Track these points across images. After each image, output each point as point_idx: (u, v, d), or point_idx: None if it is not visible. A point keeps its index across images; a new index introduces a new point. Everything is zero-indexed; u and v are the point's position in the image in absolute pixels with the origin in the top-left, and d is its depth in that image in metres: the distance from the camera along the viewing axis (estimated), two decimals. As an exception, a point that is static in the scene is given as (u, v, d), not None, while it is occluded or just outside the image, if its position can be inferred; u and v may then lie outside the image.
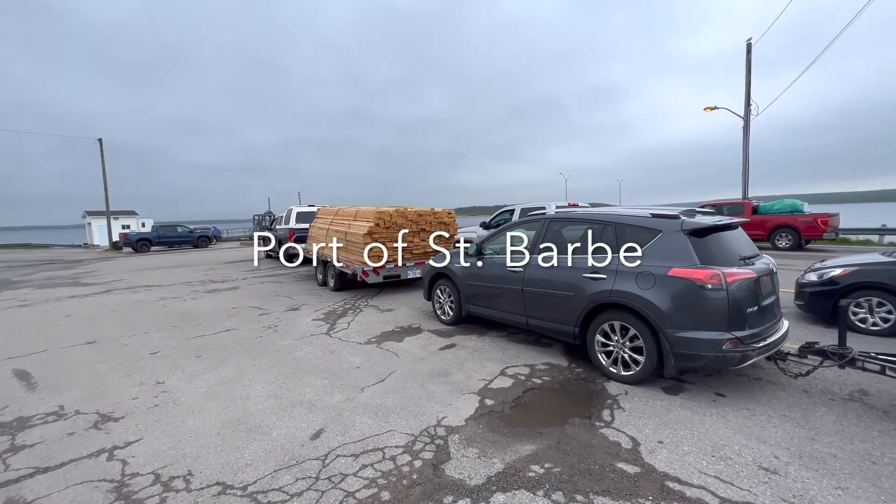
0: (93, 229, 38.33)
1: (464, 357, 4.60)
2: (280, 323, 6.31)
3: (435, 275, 6.12)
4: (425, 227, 8.43)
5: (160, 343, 5.43)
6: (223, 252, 22.34)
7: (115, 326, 6.41)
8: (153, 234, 26.53)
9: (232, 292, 9.18)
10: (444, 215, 8.68)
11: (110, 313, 7.37)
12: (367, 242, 7.70)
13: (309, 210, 14.14)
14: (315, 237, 10.22)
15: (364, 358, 4.64)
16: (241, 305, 7.71)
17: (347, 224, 8.62)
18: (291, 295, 8.64)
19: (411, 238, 8.34)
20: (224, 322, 6.46)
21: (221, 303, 8.02)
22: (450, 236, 8.91)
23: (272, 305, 7.64)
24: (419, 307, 7.15)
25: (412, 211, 8.24)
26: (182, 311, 7.32)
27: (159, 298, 8.69)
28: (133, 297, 9.02)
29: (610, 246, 3.98)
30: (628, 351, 3.75)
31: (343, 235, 8.49)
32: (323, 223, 9.93)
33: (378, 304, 7.46)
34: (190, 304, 8.05)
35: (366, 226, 7.81)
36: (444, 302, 6.00)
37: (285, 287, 9.69)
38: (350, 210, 8.99)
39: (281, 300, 8.11)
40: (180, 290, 9.77)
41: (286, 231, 13.80)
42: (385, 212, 7.87)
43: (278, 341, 5.37)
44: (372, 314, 6.74)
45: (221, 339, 5.50)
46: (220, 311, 7.23)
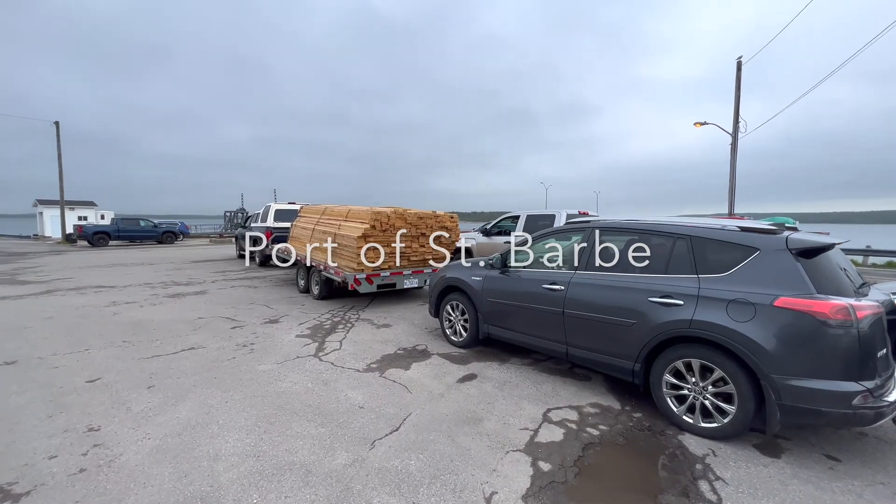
0: (45, 219, 35.31)
1: (491, 393, 3.74)
2: (257, 340, 5.27)
3: (445, 288, 5.24)
4: (425, 231, 7.55)
5: (102, 365, 4.31)
6: (190, 250, 20.67)
7: (48, 340, 5.20)
8: (112, 228, 24.45)
9: (199, 298, 7.99)
10: (446, 219, 7.82)
11: (45, 321, 6.10)
12: (360, 246, 6.75)
13: (289, 208, 12.98)
14: (297, 238, 9.15)
15: (367, 393, 3.71)
16: (209, 315, 6.58)
17: (337, 225, 7.63)
18: (269, 303, 7.55)
19: (409, 243, 7.44)
20: (188, 337, 5.36)
21: (185, 311, 6.86)
22: (451, 242, 8.06)
23: (247, 316, 6.55)
24: (420, 323, 6.24)
25: (412, 213, 7.35)
26: (136, 321, 6.14)
27: (110, 303, 7.42)
28: (78, 300, 7.70)
29: (686, 264, 3.23)
30: (710, 397, 3.00)
31: (332, 237, 7.50)
32: (307, 223, 8.88)
33: (371, 318, 6.50)
34: (147, 311, 6.84)
35: (360, 227, 6.85)
36: (455, 320, 5.12)
37: (261, 293, 8.57)
38: (340, 209, 8.00)
39: (257, 309, 7.02)
40: (137, 292, 8.48)
41: (263, 230, 12.59)
42: (382, 212, 6.95)
43: (256, 366, 4.35)
44: (366, 331, 5.79)
45: (183, 362, 4.43)
46: (183, 322, 6.10)
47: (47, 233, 34.44)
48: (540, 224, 8.68)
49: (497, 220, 9.81)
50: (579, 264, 3.87)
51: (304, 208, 9.58)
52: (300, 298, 8.02)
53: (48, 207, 34.66)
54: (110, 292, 8.50)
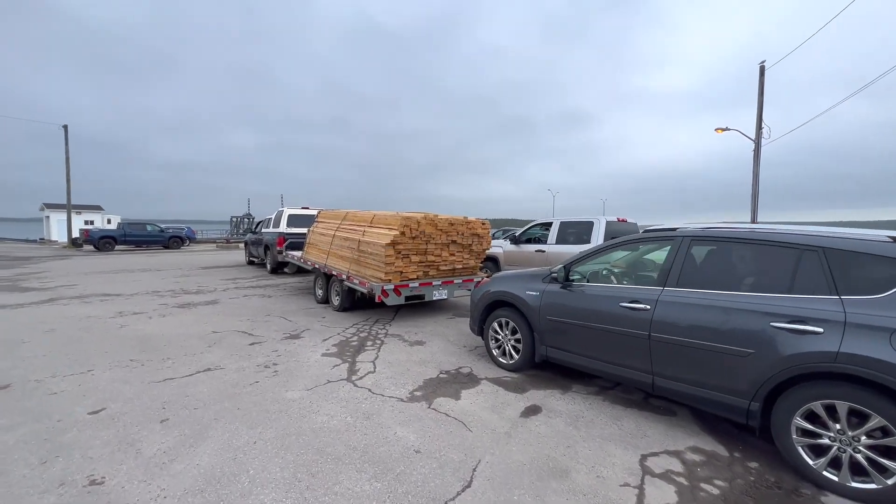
0: (51, 223, 35.12)
1: (566, 433, 3.15)
2: (280, 359, 4.70)
3: (493, 303, 4.66)
4: (456, 238, 6.99)
5: (108, 391, 3.75)
6: (198, 255, 20.22)
7: (47, 358, 4.65)
8: (119, 232, 24.09)
9: (211, 308, 7.45)
10: (477, 225, 7.26)
11: (45, 335, 5.56)
12: (389, 254, 6.19)
13: (303, 213, 12.49)
14: (315, 245, 8.61)
15: (419, 431, 3.12)
16: (223, 328, 6.03)
17: (361, 231, 7.08)
18: (287, 315, 6.99)
19: (439, 252, 6.89)
20: (202, 355, 4.80)
21: (198, 323, 6.31)
22: (482, 251, 7.50)
23: (265, 330, 5.99)
24: (456, 340, 5.65)
25: (443, 219, 6.79)
26: (145, 336, 5.59)
27: (116, 314, 6.88)
28: (83, 310, 7.17)
29: (819, 283, 2.64)
30: (865, 450, 2.39)
31: (355, 245, 6.95)
32: (327, 229, 8.34)
33: (401, 334, 5.92)
34: (156, 323, 6.30)
35: (388, 234, 6.30)
36: (504, 340, 4.54)
37: (277, 303, 8.01)
38: (364, 214, 7.46)
39: (275, 322, 6.46)
40: (145, 302, 7.95)
41: (275, 236, 12.09)
42: (412, 218, 6.40)
43: (283, 393, 3.78)
44: (399, 349, 5.21)
45: (200, 387, 3.86)
46: (196, 337, 5.54)
47: (54, 237, 34.20)
48: (573, 231, 8.10)
49: (527, 227, 9.23)
50: (669, 279, 3.29)
51: (323, 214, 9.05)
52: (319, 310, 7.46)
53: (55, 211, 34.46)
54: (116, 301, 7.97)
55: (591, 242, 7.60)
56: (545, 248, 8.31)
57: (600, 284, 3.79)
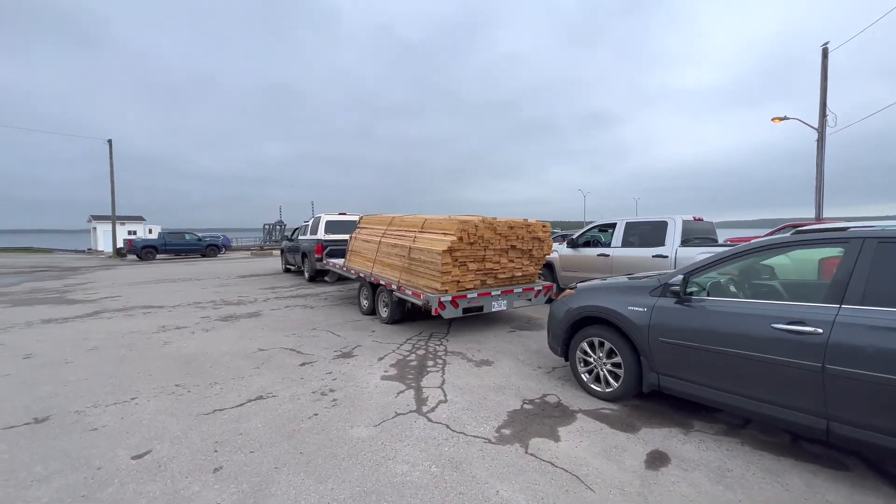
0: (97, 234, 36.64)
1: (717, 495, 2.42)
2: (336, 384, 4.16)
3: (581, 319, 3.97)
4: (515, 242, 6.33)
5: (153, 427, 3.30)
6: (234, 263, 20.36)
7: (89, 382, 4.29)
8: (159, 242, 24.72)
9: (254, 321, 7.07)
10: (538, 229, 6.58)
11: (89, 353, 5.26)
12: (445, 263, 5.60)
13: (341, 219, 12.13)
14: (358, 252, 8.13)
15: (525, 488, 2.47)
16: (270, 345, 5.58)
17: (411, 237, 6.53)
18: (333, 329, 6.51)
19: (497, 258, 6.24)
20: (252, 379, 4.33)
21: (242, 338, 5.90)
22: (542, 256, 6.80)
23: (314, 347, 5.50)
24: (526, 358, 4.99)
25: (501, 222, 6.15)
26: (189, 354, 5.20)
27: (159, 328, 6.59)
28: (126, 324, 6.92)
29: None
30: None
31: (405, 252, 6.40)
32: (371, 235, 7.84)
33: (462, 351, 5.30)
34: (199, 339, 5.93)
35: (445, 240, 5.71)
36: (597, 363, 3.84)
37: (320, 315, 7.57)
38: (413, 219, 6.90)
39: (322, 337, 5.97)
40: (187, 314, 7.67)
41: (313, 243, 11.76)
42: (469, 222, 5.78)
43: (348, 429, 3.21)
44: (465, 370, 4.59)
45: (253, 421, 3.36)
46: (242, 356, 5.10)
47: (100, 247, 35.66)
48: (642, 233, 7.26)
49: (585, 229, 8.43)
50: (848, 295, 2.52)
51: (365, 219, 8.57)
52: (367, 322, 6.95)
53: (101, 223, 35.95)
54: (159, 314, 7.73)
55: (666, 245, 6.76)
56: (609, 251, 7.50)
57: (736, 300, 3.05)
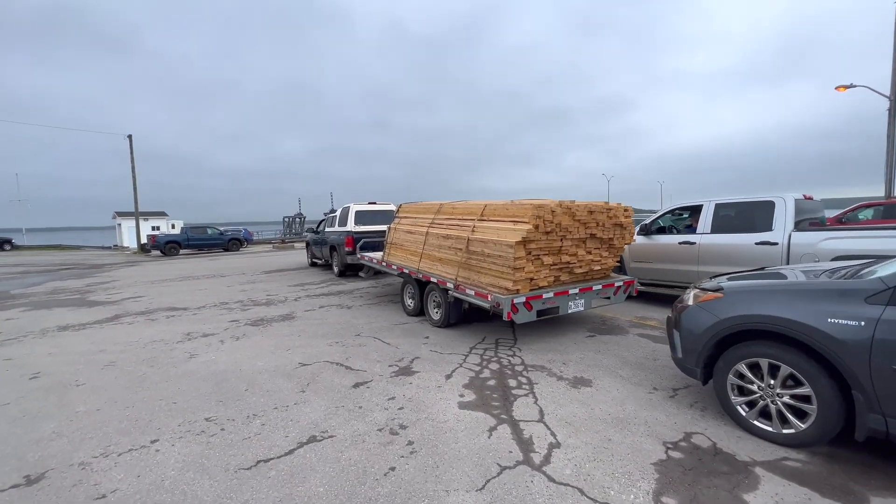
0: (122, 230, 36.93)
1: None
2: (405, 415, 3.25)
3: (735, 333, 2.93)
4: (595, 230, 5.28)
5: (179, 490, 2.43)
6: (257, 257, 19.79)
7: (101, 414, 3.48)
8: (182, 237, 24.41)
9: (288, 326, 6.24)
10: (620, 213, 5.49)
11: (104, 372, 4.49)
12: (519, 257, 4.61)
13: (372, 209, 11.23)
14: (400, 245, 7.19)
15: None
16: (311, 357, 4.72)
17: (468, 227, 5.53)
18: (379, 334, 5.62)
19: (574, 249, 5.22)
20: (298, 409, 3.45)
21: (278, 349, 5.06)
22: (620, 246, 5.74)
23: (363, 360, 4.61)
24: (629, 375, 3.98)
25: (580, 206, 5.09)
26: (219, 372, 4.37)
27: (184, 336, 5.81)
28: (147, 331, 6.18)
29: None
30: None
31: (462, 244, 5.42)
32: (415, 226, 6.88)
33: (543, 364, 4.33)
34: (229, 350, 5.12)
35: (516, 230, 4.70)
36: (765, 394, 2.81)
37: (361, 316, 6.69)
38: (469, 206, 5.89)
39: (370, 346, 5.09)
40: (214, 318, 6.91)
41: (342, 236, 10.91)
42: (545, 206, 4.75)
43: (442, 495, 2.29)
44: (561, 393, 3.62)
45: (311, 483, 2.46)
46: (282, 374, 4.25)
47: (125, 243, 35.91)
48: (740, 215, 6.07)
49: (661, 213, 7.27)
50: None
51: (405, 208, 7.61)
52: (416, 326, 6.03)
53: (125, 219, 36.15)
54: (183, 318, 6.99)
55: (775, 230, 5.59)
56: (695, 238, 6.36)
57: None
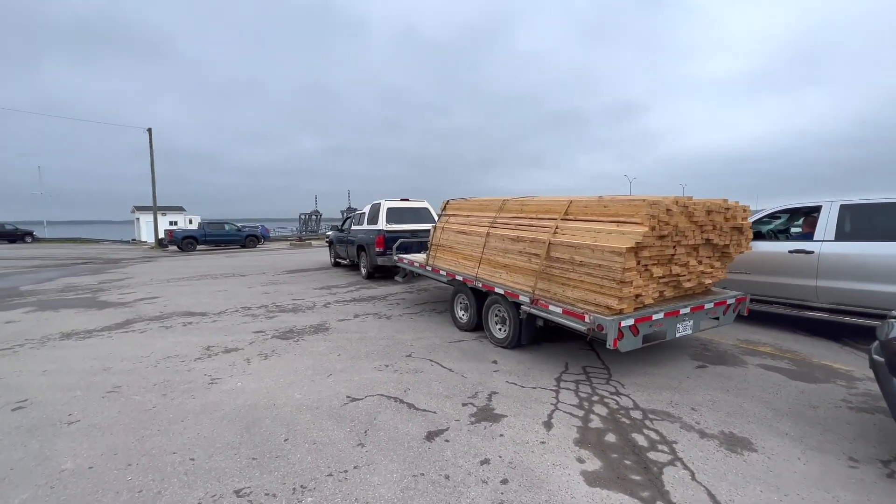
0: (140, 225, 36.82)
1: None
2: (513, 491, 2.26)
3: None
4: (712, 235, 4.21)
5: None
6: (276, 255, 19.05)
7: (93, 475, 2.57)
8: (199, 232, 23.86)
9: (323, 340, 5.30)
10: (738, 213, 4.42)
11: (105, 402, 3.60)
12: (629, 269, 3.58)
13: (405, 206, 10.28)
14: (449, 247, 6.19)
15: None
16: (361, 388, 3.76)
17: (549, 227, 4.50)
18: (434, 355, 4.63)
19: (685, 258, 4.16)
20: (361, 477, 2.48)
21: (317, 374, 4.11)
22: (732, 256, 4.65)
23: (425, 392, 3.63)
24: (797, 432, 2.92)
25: (698, 203, 4.03)
26: (247, 407, 3.44)
27: (203, 352, 4.91)
28: (161, 343, 5.31)
29: None
30: None
31: (540, 249, 4.40)
32: (469, 225, 5.87)
33: (667, 409, 3.29)
34: (258, 373, 4.19)
35: (625, 234, 3.66)
36: None
37: (405, 329, 5.72)
38: (545, 202, 4.86)
39: (428, 372, 4.11)
40: (236, 327, 6.02)
41: (372, 235, 9.98)
42: (659, 203, 3.70)
43: None
44: (725, 462, 2.58)
45: None
46: (327, 413, 3.29)
47: (143, 237, 35.75)
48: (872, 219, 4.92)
49: (762, 216, 6.10)
50: None
51: (454, 204, 6.60)
52: (475, 345, 5.04)
53: (143, 213, 36.00)
54: (202, 326, 6.12)
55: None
56: (812, 246, 5.21)
57: None
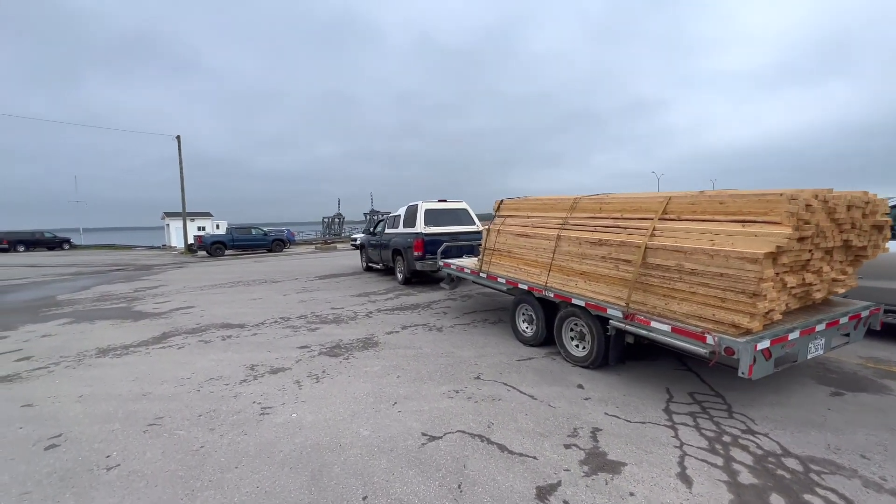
0: (171, 230, 37.55)
1: None
2: None
3: None
4: (850, 235, 3.47)
5: None
6: (304, 259, 18.83)
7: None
8: (227, 237, 24.00)
9: (375, 357, 4.77)
10: (879, 206, 3.65)
11: (146, 438, 3.14)
12: (765, 278, 2.89)
13: (443, 207, 9.73)
14: (508, 252, 5.58)
15: None
16: (436, 422, 3.19)
17: (642, 229, 3.83)
18: (506, 376, 4.03)
19: (819, 263, 3.44)
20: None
21: (379, 401, 3.58)
22: (869, 257, 3.88)
23: (517, 431, 3.03)
24: None
25: (839, 198, 3.30)
26: (309, 450, 2.92)
27: (248, 373, 4.45)
28: (201, 361, 4.89)
29: None
30: None
31: (633, 254, 3.74)
32: (533, 227, 5.24)
33: (831, 458, 2.60)
34: (313, 402, 3.69)
35: (759, 236, 2.98)
36: None
37: (462, 344, 5.14)
38: (632, 200, 4.18)
39: (509, 400, 3.51)
40: (278, 341, 5.57)
41: (409, 238, 9.46)
42: (798, 198, 3.00)
43: None
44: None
45: None
46: (408, 460, 2.74)
47: (173, 242, 36.44)
48: None
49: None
50: None
51: (510, 204, 5.97)
52: (548, 363, 4.41)
53: (173, 219, 36.70)
54: (241, 340, 5.69)
55: None
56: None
57: None
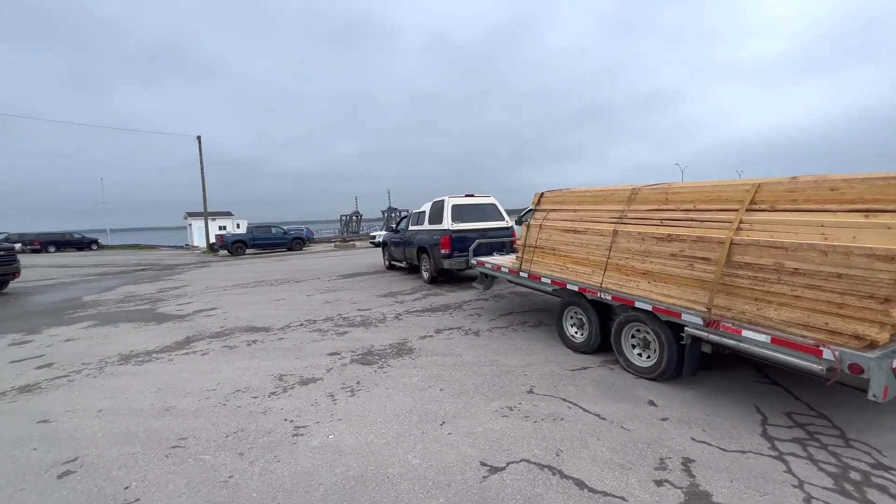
0: (193, 230, 38.09)
1: None
2: None
3: None
4: None
5: None
6: (324, 258, 18.65)
7: None
8: (248, 237, 24.08)
9: (412, 366, 4.38)
10: None
11: (168, 464, 2.81)
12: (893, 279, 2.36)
13: (470, 202, 9.28)
14: (552, 249, 5.09)
15: None
16: (494, 449, 2.77)
17: (724, 223, 3.30)
18: (561, 389, 3.58)
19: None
20: None
21: (426, 422, 3.17)
22: None
23: (593, 461, 2.58)
24: None
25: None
26: (352, 481, 2.53)
27: (277, 384, 4.11)
28: (226, 369, 4.58)
29: None
30: None
31: (714, 252, 3.23)
32: (582, 221, 4.75)
33: None
34: (351, 421, 3.31)
35: (893, 228, 2.45)
36: None
37: (504, 350, 4.70)
38: (707, 188, 3.65)
39: (572, 420, 3.06)
40: (306, 347, 5.23)
41: (436, 235, 9.04)
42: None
43: None
44: None
45: None
46: (466, 497, 2.32)
47: (195, 242, 36.96)
48: None
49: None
50: None
51: (551, 197, 5.48)
52: (606, 374, 3.93)
53: (195, 219, 37.21)
54: (267, 345, 5.38)
55: None
56: None
57: None
